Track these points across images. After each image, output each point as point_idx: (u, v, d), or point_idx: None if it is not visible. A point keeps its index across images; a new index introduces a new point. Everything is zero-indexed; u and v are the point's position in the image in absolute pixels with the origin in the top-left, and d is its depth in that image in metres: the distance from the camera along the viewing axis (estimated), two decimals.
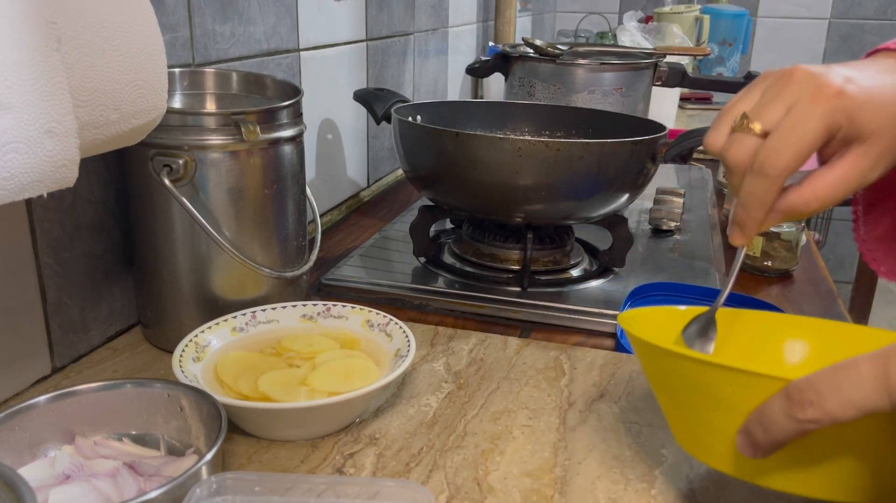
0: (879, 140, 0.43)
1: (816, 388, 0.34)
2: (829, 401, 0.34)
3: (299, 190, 0.66)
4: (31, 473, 0.46)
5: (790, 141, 0.43)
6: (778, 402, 0.36)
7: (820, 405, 0.34)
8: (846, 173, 0.44)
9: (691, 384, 0.41)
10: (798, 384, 0.35)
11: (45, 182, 0.39)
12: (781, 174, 0.44)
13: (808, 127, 0.43)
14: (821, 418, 0.34)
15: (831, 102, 0.43)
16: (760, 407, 0.37)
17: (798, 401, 0.35)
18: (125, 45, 0.44)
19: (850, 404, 0.33)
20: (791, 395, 0.35)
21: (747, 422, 0.38)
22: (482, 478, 0.49)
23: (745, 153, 0.45)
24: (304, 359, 0.58)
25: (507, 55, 1.17)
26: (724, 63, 2.27)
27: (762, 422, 0.37)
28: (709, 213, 1.05)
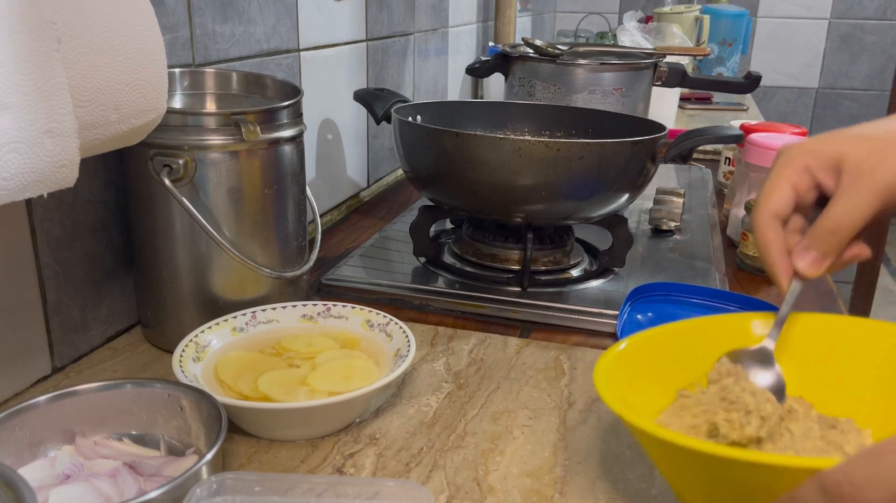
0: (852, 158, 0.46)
1: (854, 482, 0.32)
2: (870, 494, 0.32)
3: (299, 190, 0.66)
4: (31, 473, 0.46)
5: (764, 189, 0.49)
6: (813, 496, 0.34)
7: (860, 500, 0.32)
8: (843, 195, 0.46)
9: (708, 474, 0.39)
10: (833, 477, 0.33)
11: (45, 182, 0.39)
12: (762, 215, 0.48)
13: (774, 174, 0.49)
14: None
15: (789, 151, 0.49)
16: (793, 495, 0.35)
17: (836, 495, 0.33)
18: (125, 45, 0.44)
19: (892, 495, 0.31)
20: (828, 490, 0.33)
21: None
22: (482, 478, 0.49)
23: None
24: (304, 359, 0.58)
25: (507, 55, 1.17)
26: (724, 63, 2.27)
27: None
28: (709, 213, 1.05)
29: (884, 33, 2.66)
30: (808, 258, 0.47)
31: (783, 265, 0.48)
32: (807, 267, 0.47)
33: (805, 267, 0.47)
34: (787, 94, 2.79)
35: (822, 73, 2.73)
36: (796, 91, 2.78)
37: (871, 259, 0.61)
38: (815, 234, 0.47)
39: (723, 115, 1.83)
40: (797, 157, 0.48)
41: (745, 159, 0.95)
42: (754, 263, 0.87)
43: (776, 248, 0.48)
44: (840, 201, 0.46)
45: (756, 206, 0.49)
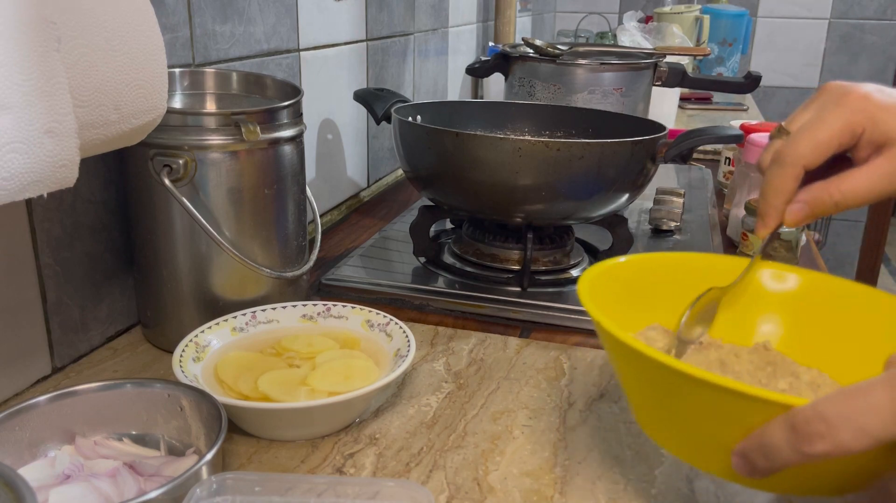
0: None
1: (826, 419, 0.31)
2: (842, 433, 0.31)
3: (299, 190, 0.66)
4: (31, 473, 0.46)
5: (808, 134, 0.46)
6: (781, 433, 0.33)
7: (831, 437, 0.31)
8: (871, 174, 0.45)
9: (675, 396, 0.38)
10: (804, 414, 0.32)
11: (45, 182, 0.39)
12: (796, 162, 0.46)
13: (827, 123, 0.45)
14: (831, 451, 0.31)
15: (853, 104, 0.45)
16: (761, 432, 0.34)
17: (805, 433, 0.32)
18: (125, 45, 0.44)
19: (864, 434, 0.31)
20: (797, 427, 0.32)
21: (745, 446, 0.35)
22: (482, 478, 0.49)
23: (771, 152, 0.49)
24: (304, 359, 0.58)
25: (507, 55, 1.17)
26: (724, 63, 2.27)
27: (763, 450, 0.34)
28: (709, 212, 1.05)
29: (884, 33, 2.66)
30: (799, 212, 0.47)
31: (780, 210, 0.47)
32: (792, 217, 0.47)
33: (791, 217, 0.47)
34: (787, 94, 2.79)
35: (822, 73, 2.73)
36: (796, 91, 2.78)
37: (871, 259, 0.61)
38: (818, 197, 0.46)
39: (723, 115, 1.83)
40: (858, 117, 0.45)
41: (745, 159, 0.95)
42: None
43: (786, 197, 0.47)
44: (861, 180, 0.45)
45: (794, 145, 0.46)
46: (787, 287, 0.52)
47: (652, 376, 0.39)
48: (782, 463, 0.33)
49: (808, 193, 0.47)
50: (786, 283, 0.52)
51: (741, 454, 0.36)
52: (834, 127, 0.45)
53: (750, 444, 0.35)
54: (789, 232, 0.85)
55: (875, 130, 0.45)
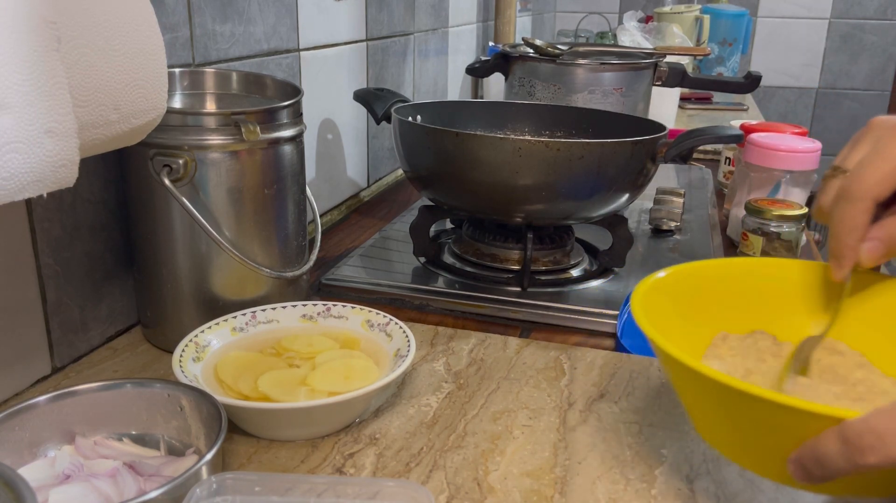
0: None
1: (877, 433, 0.33)
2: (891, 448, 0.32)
3: (299, 190, 0.66)
4: (31, 473, 0.46)
5: (873, 166, 0.44)
6: (834, 445, 0.34)
7: (881, 451, 0.32)
8: None
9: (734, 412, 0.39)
10: (855, 428, 0.33)
11: (45, 182, 0.39)
12: (865, 196, 0.44)
13: (889, 154, 0.44)
14: (882, 463, 0.33)
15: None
16: (815, 443, 0.35)
17: (857, 446, 0.33)
18: (125, 45, 0.44)
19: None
20: (849, 440, 0.33)
21: (800, 455, 0.36)
22: (482, 478, 0.49)
23: (831, 192, 0.47)
24: (304, 359, 0.58)
25: (507, 55, 1.17)
26: (724, 63, 2.27)
27: (817, 459, 0.35)
28: (709, 213, 1.05)
29: (884, 33, 2.66)
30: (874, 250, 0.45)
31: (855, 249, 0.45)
32: (868, 256, 0.45)
33: (866, 256, 0.45)
34: (787, 94, 2.79)
35: (822, 73, 2.73)
36: (796, 91, 2.77)
37: None
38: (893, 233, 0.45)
39: (723, 115, 1.83)
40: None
41: (745, 159, 0.95)
42: None
43: (860, 234, 0.45)
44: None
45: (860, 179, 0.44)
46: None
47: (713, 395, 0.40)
48: (836, 472, 0.34)
49: (881, 230, 0.45)
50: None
51: (797, 463, 0.37)
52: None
53: (805, 454, 0.36)
54: (789, 231, 0.85)
55: None
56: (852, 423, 0.33)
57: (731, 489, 0.48)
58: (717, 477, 0.49)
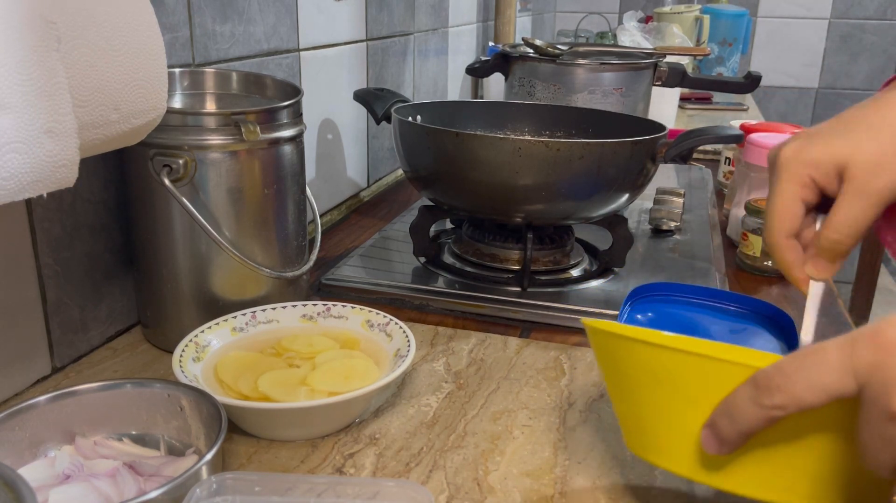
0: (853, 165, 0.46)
1: (784, 372, 0.34)
2: (797, 384, 0.34)
3: (299, 190, 0.66)
4: (31, 473, 0.46)
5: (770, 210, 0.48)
6: (745, 390, 0.36)
7: (787, 389, 0.34)
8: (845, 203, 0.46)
9: (651, 372, 0.40)
10: (765, 370, 0.35)
11: (45, 182, 0.39)
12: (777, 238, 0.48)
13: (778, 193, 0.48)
14: (787, 403, 0.34)
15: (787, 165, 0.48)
16: (727, 397, 0.37)
17: (765, 386, 0.35)
18: (125, 45, 0.44)
19: (817, 387, 0.33)
20: (758, 382, 0.35)
21: (713, 414, 0.38)
22: (482, 478, 0.49)
23: None
24: (304, 359, 0.58)
25: (507, 55, 1.17)
26: (724, 63, 2.27)
27: (728, 411, 0.37)
28: (709, 213, 1.05)
29: (884, 33, 2.66)
30: (820, 266, 0.48)
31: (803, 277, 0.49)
32: (819, 273, 0.48)
33: (817, 273, 0.48)
34: (787, 94, 2.78)
35: (822, 73, 2.73)
36: (796, 91, 2.77)
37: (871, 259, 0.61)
38: (822, 246, 0.47)
39: (723, 115, 1.83)
40: (800, 168, 0.47)
41: (745, 159, 0.95)
42: (754, 264, 0.87)
43: (797, 264, 0.49)
44: (842, 211, 0.46)
45: (768, 227, 0.49)
46: None
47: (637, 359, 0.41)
48: (746, 422, 0.36)
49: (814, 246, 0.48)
50: None
51: (710, 425, 0.38)
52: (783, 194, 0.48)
53: (717, 411, 0.38)
54: None
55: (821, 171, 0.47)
56: (762, 369, 0.35)
57: None
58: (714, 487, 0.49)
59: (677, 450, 0.40)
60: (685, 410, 0.39)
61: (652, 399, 0.41)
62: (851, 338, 0.33)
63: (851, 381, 0.33)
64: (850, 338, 0.33)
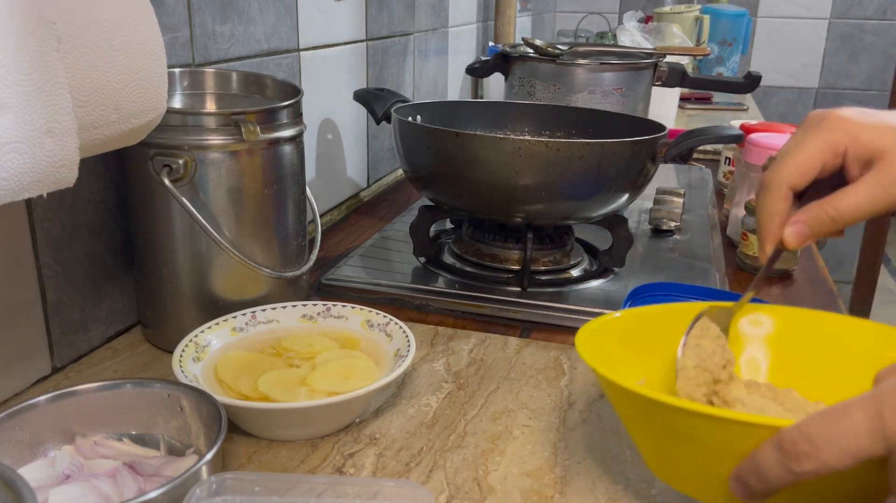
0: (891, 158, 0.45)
1: (810, 440, 0.34)
2: (824, 453, 0.33)
3: (299, 190, 0.66)
4: (31, 473, 0.46)
5: (789, 156, 0.47)
6: (771, 453, 0.35)
7: (815, 457, 0.33)
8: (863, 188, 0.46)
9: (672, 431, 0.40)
10: (790, 436, 0.34)
11: (45, 182, 0.39)
12: (780, 183, 0.47)
13: (806, 144, 0.47)
14: (817, 469, 0.33)
15: (831, 125, 0.47)
16: (753, 455, 0.36)
17: (793, 453, 0.34)
18: (125, 45, 0.44)
19: (845, 454, 0.33)
20: (784, 447, 0.34)
21: (740, 470, 0.37)
22: (482, 478, 0.49)
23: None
24: (304, 359, 0.58)
25: (507, 55, 1.17)
26: (724, 63, 2.27)
27: (756, 471, 0.36)
28: (709, 213, 1.05)
29: (884, 33, 2.66)
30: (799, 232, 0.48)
31: (776, 234, 0.48)
32: (793, 239, 0.48)
33: (792, 238, 0.48)
34: (787, 94, 2.79)
35: (822, 73, 2.73)
36: (796, 91, 2.78)
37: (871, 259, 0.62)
38: (815, 216, 0.47)
39: (723, 115, 1.83)
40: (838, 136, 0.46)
41: (745, 159, 0.95)
42: (754, 263, 0.87)
43: (779, 220, 0.48)
44: (854, 196, 0.46)
45: (777, 168, 0.47)
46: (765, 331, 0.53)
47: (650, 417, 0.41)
48: (775, 482, 0.35)
49: (805, 213, 0.47)
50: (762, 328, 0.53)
51: (737, 478, 0.37)
52: (812, 147, 0.47)
53: (743, 467, 0.37)
54: None
55: (858, 147, 0.46)
56: (786, 432, 0.34)
57: None
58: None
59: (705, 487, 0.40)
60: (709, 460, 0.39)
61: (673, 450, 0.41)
62: (876, 398, 0.33)
63: (881, 446, 0.32)
64: (875, 401, 0.33)
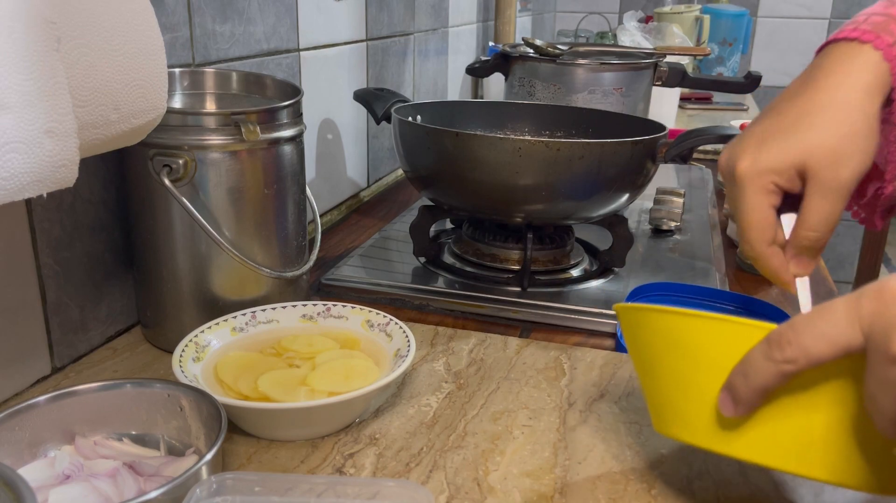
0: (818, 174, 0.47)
1: (795, 328, 0.36)
2: (806, 337, 0.35)
3: (299, 190, 0.66)
4: (31, 473, 0.46)
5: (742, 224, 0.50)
6: (759, 347, 0.37)
7: (797, 342, 0.35)
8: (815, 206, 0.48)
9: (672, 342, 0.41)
10: (778, 328, 0.37)
11: (45, 182, 0.39)
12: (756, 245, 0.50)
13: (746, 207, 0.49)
14: (798, 356, 0.35)
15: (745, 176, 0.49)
16: (743, 357, 0.38)
17: (777, 342, 0.36)
18: (125, 45, 0.44)
19: (824, 338, 0.35)
20: (771, 338, 0.37)
21: (730, 375, 0.39)
22: (482, 478, 0.49)
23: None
24: (304, 359, 0.58)
25: (507, 55, 1.17)
26: (724, 63, 2.27)
27: (743, 370, 0.38)
28: (709, 213, 1.05)
29: None
30: (803, 263, 0.50)
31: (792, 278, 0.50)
32: (804, 270, 0.50)
33: (802, 270, 0.50)
34: None
35: None
36: None
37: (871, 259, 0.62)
38: (799, 245, 0.49)
39: (723, 115, 1.83)
40: (762, 179, 0.48)
41: None
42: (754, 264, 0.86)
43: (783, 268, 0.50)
44: (814, 209, 0.47)
45: (749, 240, 0.50)
46: None
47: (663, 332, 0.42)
48: (759, 379, 0.37)
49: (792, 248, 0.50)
50: None
51: (726, 387, 0.39)
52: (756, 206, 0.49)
53: (733, 371, 0.39)
54: None
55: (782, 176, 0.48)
56: (777, 328, 0.37)
57: (731, 489, 0.48)
58: (717, 477, 0.49)
59: (697, 420, 0.41)
60: (705, 378, 0.40)
61: (673, 369, 0.42)
62: (858, 293, 0.35)
63: (857, 332, 0.34)
64: (856, 294, 0.35)
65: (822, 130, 0.47)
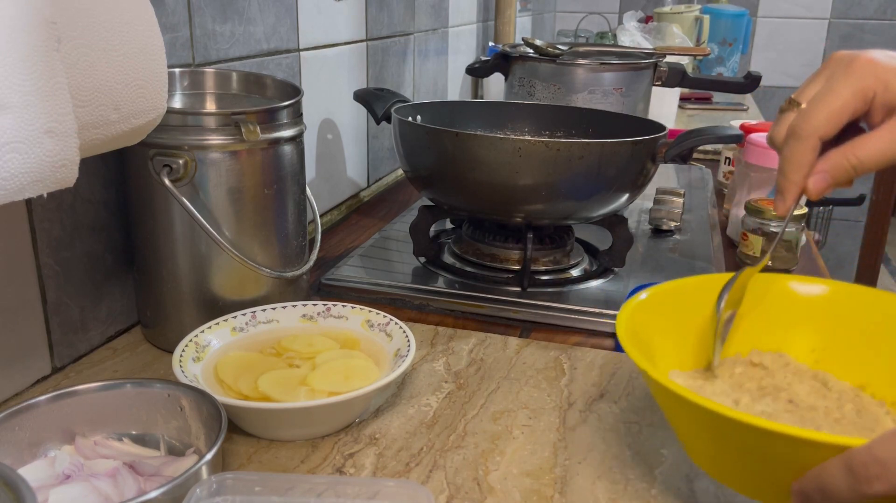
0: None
1: (881, 461, 0.33)
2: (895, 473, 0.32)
3: (299, 190, 0.66)
4: (31, 473, 0.46)
5: (821, 104, 0.46)
6: (841, 475, 0.34)
7: (887, 479, 0.32)
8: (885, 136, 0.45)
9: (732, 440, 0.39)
10: (860, 457, 0.33)
11: (45, 182, 0.39)
12: (812, 134, 0.46)
13: (838, 92, 0.45)
14: (889, 491, 0.33)
15: (861, 70, 0.45)
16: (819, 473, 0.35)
17: (863, 476, 0.33)
18: (125, 45, 0.44)
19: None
20: (854, 470, 0.33)
21: (804, 485, 0.36)
22: (482, 478, 0.49)
23: (784, 126, 0.48)
24: (304, 359, 0.58)
25: (507, 55, 1.17)
26: (724, 63, 2.27)
27: (822, 488, 0.35)
28: (709, 212, 1.05)
29: (884, 33, 2.66)
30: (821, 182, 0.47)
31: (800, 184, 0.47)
32: (816, 189, 0.47)
33: (815, 189, 0.47)
34: (787, 94, 2.77)
35: None
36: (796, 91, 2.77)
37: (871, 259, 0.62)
38: (837, 164, 0.46)
39: (723, 115, 1.83)
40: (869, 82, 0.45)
41: (745, 159, 0.95)
42: (754, 264, 0.86)
43: (806, 171, 0.47)
44: (877, 143, 0.45)
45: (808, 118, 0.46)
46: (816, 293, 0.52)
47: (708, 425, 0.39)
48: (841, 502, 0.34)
49: (826, 163, 0.46)
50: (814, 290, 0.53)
51: (800, 492, 0.36)
52: (845, 95, 0.45)
53: (809, 484, 0.36)
54: (789, 231, 0.85)
55: (886, 94, 0.45)
56: (857, 453, 0.33)
57: (731, 489, 0.48)
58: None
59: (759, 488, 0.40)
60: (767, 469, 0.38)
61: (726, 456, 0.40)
62: None
63: None
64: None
65: None
